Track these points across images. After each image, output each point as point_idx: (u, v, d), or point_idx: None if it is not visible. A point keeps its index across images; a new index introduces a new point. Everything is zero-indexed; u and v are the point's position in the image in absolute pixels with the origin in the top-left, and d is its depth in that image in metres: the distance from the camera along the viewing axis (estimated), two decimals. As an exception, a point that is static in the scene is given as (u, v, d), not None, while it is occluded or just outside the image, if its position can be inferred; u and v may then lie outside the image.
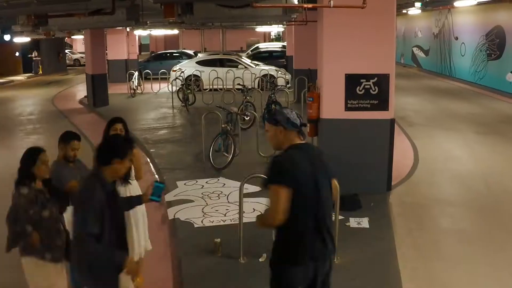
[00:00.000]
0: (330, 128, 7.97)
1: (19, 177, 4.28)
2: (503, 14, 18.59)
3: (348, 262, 5.72)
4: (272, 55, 27.58)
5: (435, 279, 5.59)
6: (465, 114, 15.03)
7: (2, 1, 7.76)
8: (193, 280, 5.46)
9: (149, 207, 7.14)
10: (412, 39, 31.27)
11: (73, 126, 15.08)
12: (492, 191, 8.46)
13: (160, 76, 21.92)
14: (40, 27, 11.98)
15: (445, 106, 16.68)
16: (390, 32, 7.81)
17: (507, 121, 13.96)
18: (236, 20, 16.33)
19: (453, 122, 13.91)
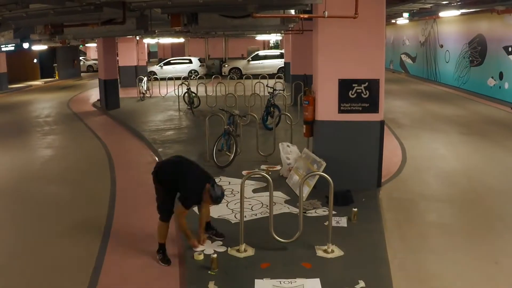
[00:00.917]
0: (325, 129, 7.98)
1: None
2: (484, 23, 18.60)
3: (342, 253, 5.73)
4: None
5: (422, 269, 5.59)
6: (450, 116, 15.04)
7: (21, 12, 7.75)
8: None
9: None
10: (400, 47, 31.27)
11: (87, 128, 15.12)
12: (474, 187, 8.47)
13: (167, 80, 22.00)
14: (56, 36, 11.96)
15: (431, 109, 16.69)
16: (380, 40, 7.81)
17: (488, 123, 13.97)
18: (237, 29, 16.29)
19: (438, 124, 13.92)
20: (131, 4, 7.96)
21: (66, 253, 6.31)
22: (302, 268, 5.41)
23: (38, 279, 5.62)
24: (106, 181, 9.26)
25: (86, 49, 43.94)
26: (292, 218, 6.75)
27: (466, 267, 5.64)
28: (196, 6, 8.24)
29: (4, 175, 9.90)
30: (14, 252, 6.38)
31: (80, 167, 10.58)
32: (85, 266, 5.83)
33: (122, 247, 6.38)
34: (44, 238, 6.80)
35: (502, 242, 6.27)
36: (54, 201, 8.38)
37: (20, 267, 5.95)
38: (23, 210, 8.01)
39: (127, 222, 7.25)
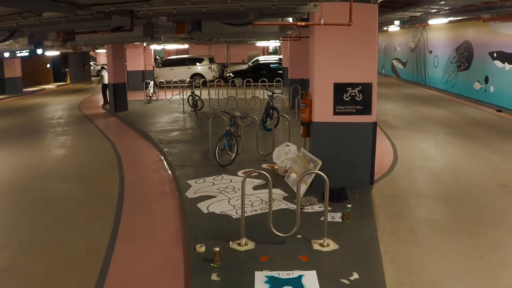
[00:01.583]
0: (321, 130, 7.98)
1: None
2: (471, 30, 18.60)
3: (337, 247, 5.73)
4: (270, 66, 27.57)
5: (412, 262, 5.59)
6: (438, 118, 15.04)
7: (35, 19, 7.76)
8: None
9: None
10: (392, 53, 31.28)
11: (97, 129, 15.12)
12: (461, 184, 8.47)
13: (173, 84, 21.98)
14: (68, 42, 11.96)
15: (420, 111, 16.69)
16: (372, 47, 7.81)
17: (474, 124, 13.98)
18: (238, 36, 16.32)
19: (428, 125, 13.93)
20: (138, 12, 7.96)
21: (77, 244, 6.34)
22: (300, 261, 5.42)
23: (53, 267, 5.64)
24: (115, 179, 9.27)
25: (96, 55, 43.95)
26: (290, 213, 6.75)
27: (453, 261, 5.65)
28: (199, 14, 8.24)
29: (20, 173, 9.92)
30: (29, 243, 6.40)
31: (90, 166, 10.60)
32: (96, 256, 5.86)
33: (131, 238, 6.40)
34: (57, 231, 6.82)
35: (487, 237, 6.27)
36: (67, 197, 8.40)
37: (34, 257, 5.97)
38: (38, 205, 8.03)
39: (135, 216, 7.26)
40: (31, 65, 29.18)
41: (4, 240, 6.59)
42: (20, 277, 5.52)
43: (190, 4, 6.87)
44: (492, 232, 6.42)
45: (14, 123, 16.67)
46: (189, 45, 33.06)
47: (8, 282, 5.41)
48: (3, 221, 7.36)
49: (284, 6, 7.33)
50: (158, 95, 21.70)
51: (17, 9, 7.08)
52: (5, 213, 7.74)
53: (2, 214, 7.70)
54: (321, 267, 5.26)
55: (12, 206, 8.06)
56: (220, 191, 7.95)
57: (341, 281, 4.94)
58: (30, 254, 6.11)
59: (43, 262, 5.85)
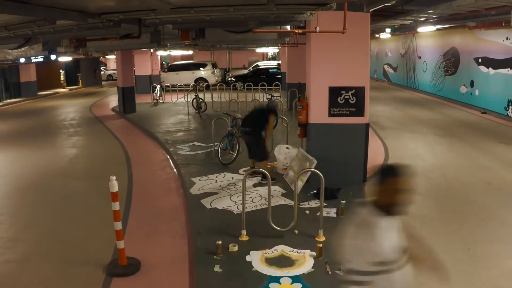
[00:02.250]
0: (317, 131, 7.98)
1: None
2: (457, 37, 18.61)
3: (332, 240, 5.73)
4: (269, 71, 27.57)
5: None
6: (427, 120, 15.04)
7: (49, 27, 7.76)
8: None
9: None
10: (383, 58, 31.28)
11: (107, 130, 15.13)
12: (449, 182, 8.47)
13: (178, 88, 21.98)
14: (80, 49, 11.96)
15: (410, 113, 16.69)
16: (365, 52, 7.82)
17: (460, 125, 13.98)
18: (239, 43, 16.32)
19: (417, 126, 13.93)
20: (146, 20, 7.95)
21: (88, 236, 6.36)
22: (297, 253, 5.42)
23: (66, 257, 5.65)
24: (124, 176, 9.27)
25: (106, 60, 43.92)
26: (288, 209, 6.76)
27: (440, 251, 5.62)
28: (203, 22, 8.25)
29: (35, 171, 9.93)
30: (43, 236, 6.41)
31: (101, 164, 10.60)
32: (106, 246, 5.86)
33: (139, 232, 6.40)
34: (70, 225, 6.83)
35: (473, 231, 6.28)
36: (78, 193, 8.40)
37: (48, 249, 5.98)
38: (52, 201, 8.04)
39: (142, 211, 7.27)
40: (45, 70, 29.16)
41: (21, 234, 6.60)
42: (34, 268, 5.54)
43: (194, 13, 6.86)
44: (478, 226, 6.43)
45: (30, 124, 16.68)
46: (193, 51, 33.11)
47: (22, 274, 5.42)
48: (20, 216, 7.37)
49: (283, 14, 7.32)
50: (164, 98, 21.69)
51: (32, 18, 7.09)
52: (22, 208, 7.76)
53: (19, 209, 7.71)
54: (316, 259, 5.27)
55: (28, 202, 8.07)
56: (222, 188, 7.96)
57: (336, 272, 4.94)
58: (44, 247, 6.12)
59: (55, 254, 5.86)
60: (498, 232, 6.21)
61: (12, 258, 5.80)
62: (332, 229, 6.00)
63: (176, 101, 21.48)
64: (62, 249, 6.03)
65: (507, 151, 10.65)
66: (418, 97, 21.74)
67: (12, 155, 11.62)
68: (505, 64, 15.01)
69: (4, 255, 5.88)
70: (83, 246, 6.09)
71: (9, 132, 14.99)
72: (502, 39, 15.10)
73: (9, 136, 14.24)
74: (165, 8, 6.39)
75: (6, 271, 5.47)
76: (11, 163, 10.81)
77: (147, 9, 6.66)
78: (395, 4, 10.00)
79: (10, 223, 7.02)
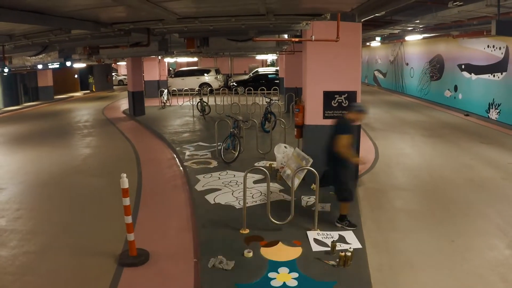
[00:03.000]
0: (312, 132, 7.98)
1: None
2: (442, 45, 18.61)
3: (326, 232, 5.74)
4: (268, 76, 27.57)
5: (391, 246, 5.61)
6: (414, 121, 15.05)
7: (64, 36, 7.77)
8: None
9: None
10: (373, 65, 31.27)
11: (118, 131, 15.13)
12: (434, 179, 8.48)
13: (184, 92, 21.97)
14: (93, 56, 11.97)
15: (398, 115, 16.69)
16: (357, 59, 7.82)
17: (445, 127, 13.98)
18: (241, 50, 16.31)
19: (405, 127, 13.93)
20: (154, 30, 7.96)
21: (101, 229, 6.35)
22: (294, 245, 5.42)
23: (81, 248, 5.65)
24: (134, 174, 9.27)
25: (118, 67, 43.90)
26: (285, 204, 6.76)
27: (426, 245, 5.65)
28: (207, 31, 8.26)
29: (52, 169, 9.93)
30: (60, 229, 6.42)
31: (113, 162, 10.60)
32: (117, 238, 5.87)
33: (148, 225, 6.41)
34: (84, 218, 6.83)
35: (456, 224, 6.28)
36: (92, 190, 8.41)
37: (64, 240, 5.99)
38: (68, 196, 8.05)
39: (151, 206, 7.27)
40: (61, 75, 29.17)
41: (39, 227, 6.61)
42: (51, 258, 5.54)
43: (199, 22, 6.87)
44: (461, 220, 6.43)
45: (47, 125, 16.68)
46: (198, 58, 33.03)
47: (40, 264, 5.43)
48: (38, 210, 7.38)
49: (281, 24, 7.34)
50: (171, 102, 21.71)
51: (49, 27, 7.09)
52: (40, 203, 7.76)
53: (37, 204, 7.71)
54: (312, 250, 5.28)
55: (46, 197, 8.07)
56: (225, 185, 7.96)
57: (329, 263, 4.95)
58: (60, 239, 6.12)
59: (71, 248, 5.86)
60: (479, 225, 6.22)
61: (30, 249, 5.80)
62: (326, 222, 6.02)
63: (182, 104, 21.49)
64: (77, 241, 6.04)
65: (488, 150, 10.65)
66: (406, 100, 21.74)
67: (31, 155, 11.62)
68: (486, 70, 15.02)
69: (23, 246, 5.89)
70: (96, 238, 6.10)
71: (28, 133, 14.99)
72: (483, 47, 15.11)
73: (28, 137, 14.24)
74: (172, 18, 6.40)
75: (26, 261, 5.47)
76: (30, 162, 10.81)
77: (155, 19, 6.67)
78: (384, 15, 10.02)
79: (29, 217, 7.03)
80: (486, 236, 5.87)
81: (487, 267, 5.04)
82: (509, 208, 6.87)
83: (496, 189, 7.77)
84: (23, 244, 5.96)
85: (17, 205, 7.58)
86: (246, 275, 4.75)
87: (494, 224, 6.26)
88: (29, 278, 5.06)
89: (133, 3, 4.83)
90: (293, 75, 16.36)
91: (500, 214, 6.62)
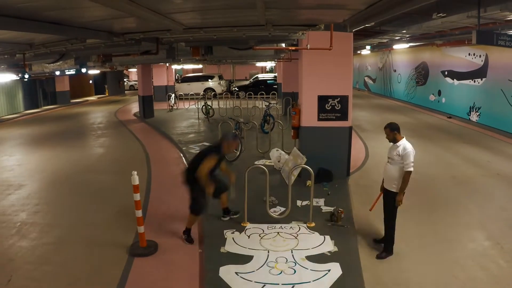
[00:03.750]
0: (308, 133, 7.99)
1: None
2: (427, 53, 18.61)
3: (320, 224, 5.74)
4: (267, 82, 27.55)
5: (380, 235, 5.60)
6: (401, 123, 14.85)
7: (80, 45, 7.77)
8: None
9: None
10: (364, 71, 31.26)
11: (129, 132, 15.12)
12: (419, 176, 8.46)
13: (189, 96, 21.96)
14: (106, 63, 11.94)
15: (387, 118, 16.67)
16: (348, 66, 7.83)
17: (430, 128, 13.98)
18: (242, 58, 16.31)
19: (393, 129, 13.89)
20: (162, 39, 7.95)
21: (113, 222, 6.35)
22: (290, 236, 5.42)
23: (95, 240, 5.65)
24: (144, 171, 9.28)
25: (129, 73, 43.88)
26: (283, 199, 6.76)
27: (412, 235, 5.65)
28: (211, 41, 8.26)
29: (68, 167, 9.93)
30: (75, 222, 6.42)
31: (124, 161, 10.60)
32: (129, 230, 5.87)
33: (156, 218, 6.41)
34: (97, 212, 6.83)
35: (441, 217, 6.28)
36: (105, 186, 8.41)
37: (79, 233, 5.99)
38: (82, 192, 8.04)
39: (160, 200, 7.27)
40: (77, 81, 29.18)
41: (56, 220, 6.61)
42: (67, 249, 5.54)
43: (204, 32, 6.87)
44: (444, 213, 6.43)
45: (64, 127, 16.67)
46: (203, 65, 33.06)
47: (57, 255, 5.43)
48: (55, 205, 7.38)
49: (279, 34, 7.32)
50: (178, 105, 21.70)
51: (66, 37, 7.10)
52: (57, 199, 7.76)
53: (54, 199, 7.72)
54: (306, 239, 5.28)
55: (62, 193, 8.07)
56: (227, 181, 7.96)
57: (323, 252, 4.95)
58: (76, 231, 6.12)
59: (85, 239, 5.86)
60: (461, 219, 6.22)
61: (48, 241, 5.80)
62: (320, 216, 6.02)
63: (188, 107, 21.49)
64: (91, 233, 6.04)
65: (469, 150, 10.65)
66: (394, 104, 21.73)
67: (49, 154, 11.62)
68: (467, 76, 15.02)
69: (41, 238, 5.89)
70: (109, 231, 6.09)
71: (46, 134, 14.99)
72: (465, 55, 15.11)
73: (46, 138, 14.24)
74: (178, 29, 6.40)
75: (43, 252, 5.47)
76: (48, 161, 10.81)
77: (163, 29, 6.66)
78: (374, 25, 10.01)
79: (47, 211, 7.03)
80: (468, 228, 5.88)
81: (468, 257, 5.05)
82: (488, 203, 6.87)
83: (476, 185, 7.77)
84: (42, 236, 5.96)
85: (36, 200, 7.58)
86: (247, 264, 4.76)
87: (475, 217, 6.26)
88: (47, 267, 5.07)
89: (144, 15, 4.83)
90: (290, 81, 16.35)
91: (480, 208, 6.62)
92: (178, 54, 11.77)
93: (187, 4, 4.86)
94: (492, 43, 6.95)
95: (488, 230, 5.79)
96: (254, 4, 4.64)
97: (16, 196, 7.81)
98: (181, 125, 15.72)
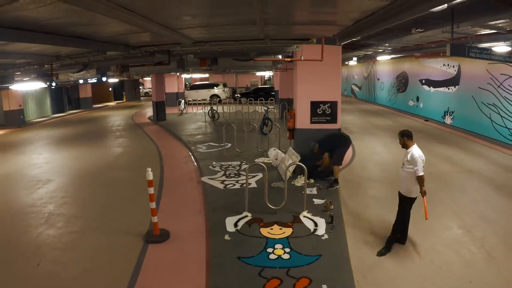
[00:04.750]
0: (301, 134, 7.98)
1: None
2: (407, 64, 18.60)
3: (313, 215, 5.73)
4: (265, 89, 27.52)
5: (365, 225, 5.61)
6: (383, 126, 15.02)
7: (101, 56, 7.78)
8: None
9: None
10: (351, 80, 31.25)
11: (144, 133, 15.11)
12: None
13: (197, 102, 21.93)
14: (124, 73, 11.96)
15: (371, 121, 16.67)
16: (337, 75, 7.82)
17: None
18: (244, 68, 16.34)
19: (376, 131, 13.90)
20: (173, 52, 7.96)
21: (131, 213, 6.35)
22: (287, 226, 5.42)
23: (114, 229, 5.65)
24: (157, 168, 9.27)
25: (144, 81, 43.81)
26: (280, 192, 6.76)
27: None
28: (216, 53, 8.26)
29: (90, 164, 9.92)
30: (97, 213, 6.42)
31: (140, 159, 10.59)
32: (144, 220, 5.86)
33: (168, 209, 6.41)
34: (117, 204, 6.83)
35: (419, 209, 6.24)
36: (123, 181, 8.40)
37: (101, 222, 5.98)
38: (103, 187, 8.03)
39: (171, 194, 7.26)
40: (98, 88, 29.16)
41: (80, 211, 6.61)
42: (90, 237, 5.54)
43: (210, 46, 6.88)
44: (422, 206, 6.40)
45: (86, 129, 16.67)
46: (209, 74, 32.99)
47: (80, 242, 5.43)
48: (79, 198, 7.38)
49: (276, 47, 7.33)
50: (187, 110, 21.68)
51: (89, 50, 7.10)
52: (81, 192, 7.76)
53: (79, 193, 7.72)
54: (301, 228, 5.27)
55: (86, 187, 8.07)
56: (231, 177, 7.96)
57: (316, 238, 4.95)
58: (98, 221, 6.12)
59: (106, 228, 5.86)
60: (437, 210, 6.21)
61: (73, 230, 5.80)
62: (313, 208, 6.01)
63: (196, 112, 21.47)
64: (111, 222, 6.04)
65: (444, 149, 10.64)
66: (378, 109, 21.71)
67: (73, 152, 11.62)
68: (442, 84, 15.02)
69: (67, 227, 5.89)
70: (126, 221, 6.09)
71: (71, 135, 14.98)
72: (440, 66, 15.11)
73: (71, 138, 14.23)
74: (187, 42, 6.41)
75: (69, 240, 5.47)
76: (73, 159, 10.81)
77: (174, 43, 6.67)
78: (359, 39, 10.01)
79: (72, 203, 7.03)
80: (443, 219, 5.87)
81: (444, 244, 5.04)
82: (462, 196, 6.87)
83: (451, 181, 7.77)
84: (67, 225, 5.96)
85: (63, 194, 7.58)
86: (248, 250, 4.76)
87: (450, 209, 6.26)
88: (73, 253, 5.07)
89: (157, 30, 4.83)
90: (286, 88, 16.35)
91: (454, 201, 6.62)
92: (187, 65, 11.80)
93: (195, 21, 4.87)
94: (464, 55, 6.94)
95: (461, 220, 5.79)
96: (254, 21, 4.65)
97: (44, 190, 7.81)
98: (190, 127, 15.72)
